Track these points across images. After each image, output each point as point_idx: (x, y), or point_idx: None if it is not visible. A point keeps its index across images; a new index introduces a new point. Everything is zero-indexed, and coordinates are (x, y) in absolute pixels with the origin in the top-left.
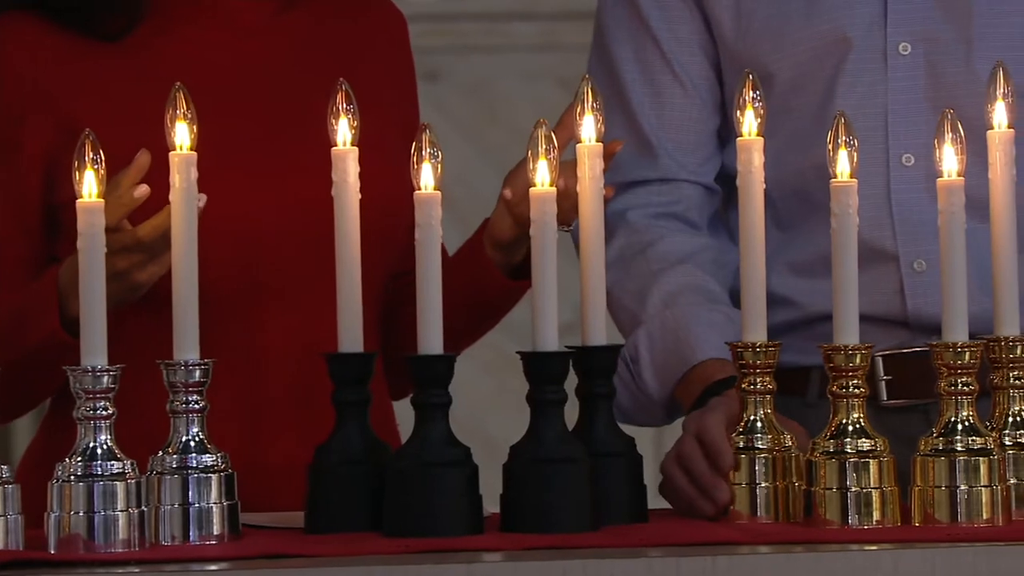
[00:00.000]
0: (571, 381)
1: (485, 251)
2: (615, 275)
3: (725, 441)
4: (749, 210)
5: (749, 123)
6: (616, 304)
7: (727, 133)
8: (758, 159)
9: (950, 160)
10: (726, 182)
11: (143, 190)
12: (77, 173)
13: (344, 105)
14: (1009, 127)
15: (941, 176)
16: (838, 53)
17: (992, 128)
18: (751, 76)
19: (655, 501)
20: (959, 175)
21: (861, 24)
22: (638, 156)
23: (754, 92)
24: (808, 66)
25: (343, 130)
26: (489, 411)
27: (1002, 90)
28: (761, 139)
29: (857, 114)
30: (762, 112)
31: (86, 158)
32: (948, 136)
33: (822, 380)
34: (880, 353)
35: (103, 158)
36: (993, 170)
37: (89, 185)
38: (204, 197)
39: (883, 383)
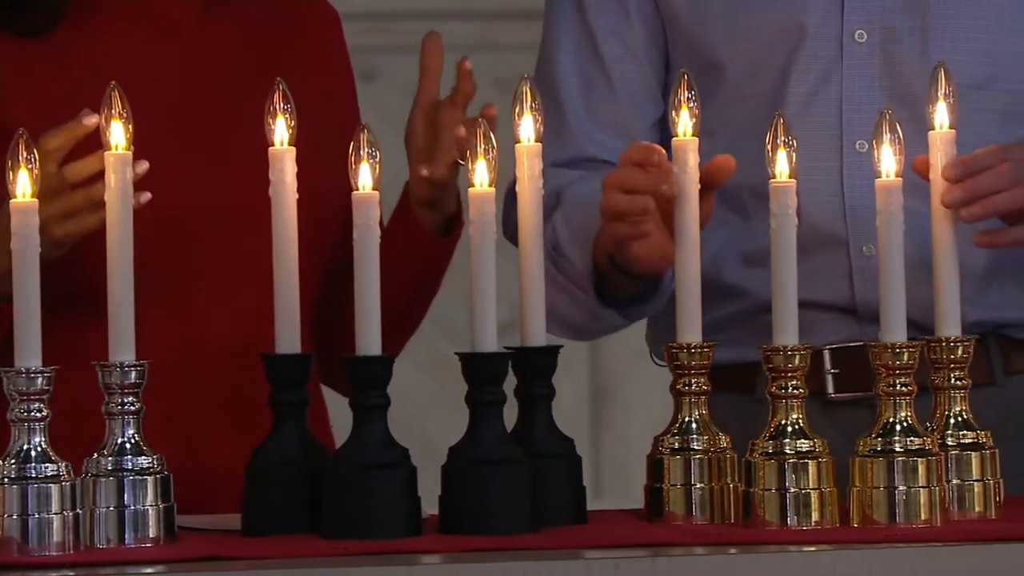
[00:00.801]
0: (510, 382)
1: (414, 214)
2: None
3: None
4: (684, 211)
5: (684, 123)
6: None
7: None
8: (693, 160)
9: (888, 160)
10: None
11: (92, 119)
12: (11, 173)
13: (281, 104)
14: (951, 127)
15: (879, 176)
16: (792, 40)
17: (933, 128)
18: (686, 76)
19: (594, 502)
20: (897, 175)
21: (817, 12)
22: (562, 142)
23: (689, 92)
24: (763, 53)
25: (280, 130)
26: (427, 412)
27: (943, 90)
28: (696, 139)
29: (811, 101)
30: (697, 112)
31: (20, 158)
32: (886, 137)
33: None
34: (828, 347)
35: (37, 158)
36: (935, 171)
37: (23, 185)
38: (148, 194)
39: (830, 376)
